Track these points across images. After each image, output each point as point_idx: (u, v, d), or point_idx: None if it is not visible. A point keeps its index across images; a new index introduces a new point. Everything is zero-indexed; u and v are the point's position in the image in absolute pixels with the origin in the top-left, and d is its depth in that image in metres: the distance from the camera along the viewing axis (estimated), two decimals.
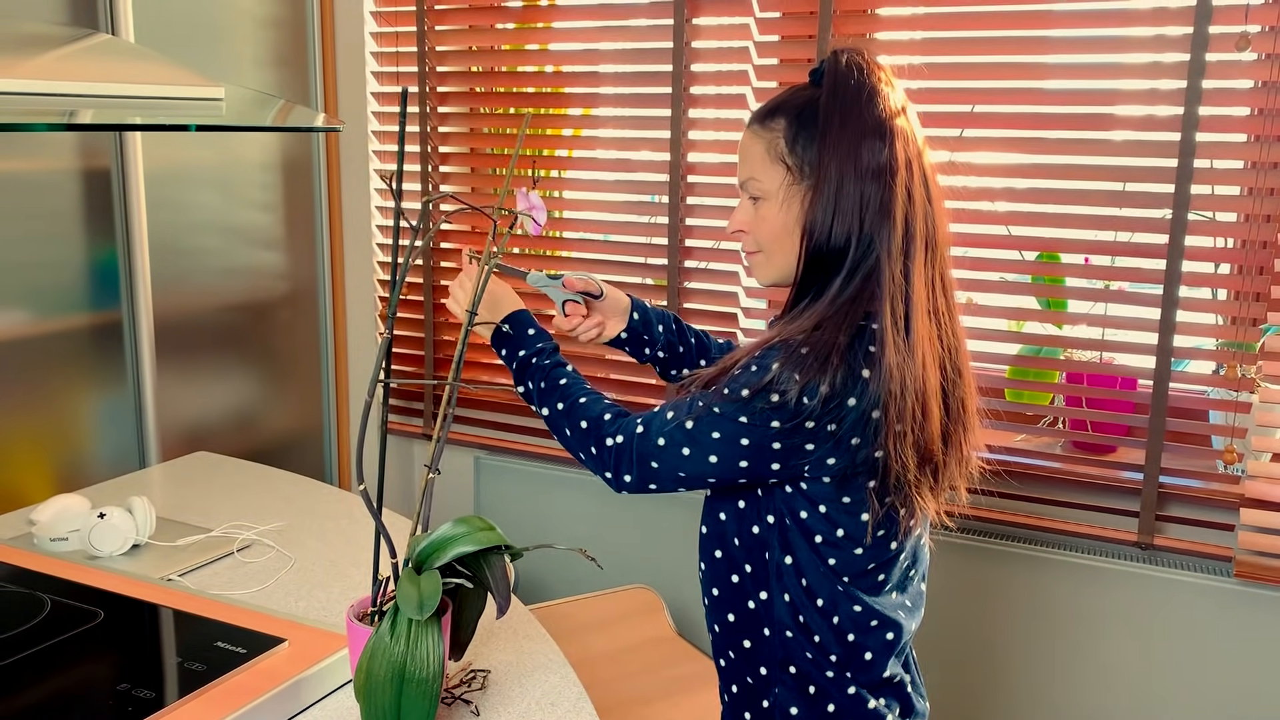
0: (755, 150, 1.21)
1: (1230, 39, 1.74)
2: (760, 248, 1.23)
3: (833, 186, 1.14)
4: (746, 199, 1.24)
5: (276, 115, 1.42)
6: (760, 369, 1.11)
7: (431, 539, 1.08)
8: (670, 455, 1.17)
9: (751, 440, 1.13)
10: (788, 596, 1.20)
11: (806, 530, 1.17)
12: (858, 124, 1.14)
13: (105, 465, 1.99)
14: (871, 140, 1.14)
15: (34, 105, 1.10)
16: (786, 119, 1.19)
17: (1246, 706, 1.89)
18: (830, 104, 1.15)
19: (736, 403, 1.12)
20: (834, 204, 1.14)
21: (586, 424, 1.24)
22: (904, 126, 1.16)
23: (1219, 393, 1.89)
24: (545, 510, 2.42)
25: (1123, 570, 1.93)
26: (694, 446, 1.16)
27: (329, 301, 2.48)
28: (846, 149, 1.14)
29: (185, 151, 2.11)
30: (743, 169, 1.23)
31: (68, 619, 1.24)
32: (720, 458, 1.15)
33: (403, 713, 1.01)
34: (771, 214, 1.20)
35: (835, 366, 1.09)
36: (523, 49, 2.32)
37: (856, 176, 1.13)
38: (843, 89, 1.15)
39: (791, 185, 1.18)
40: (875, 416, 1.10)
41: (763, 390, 1.10)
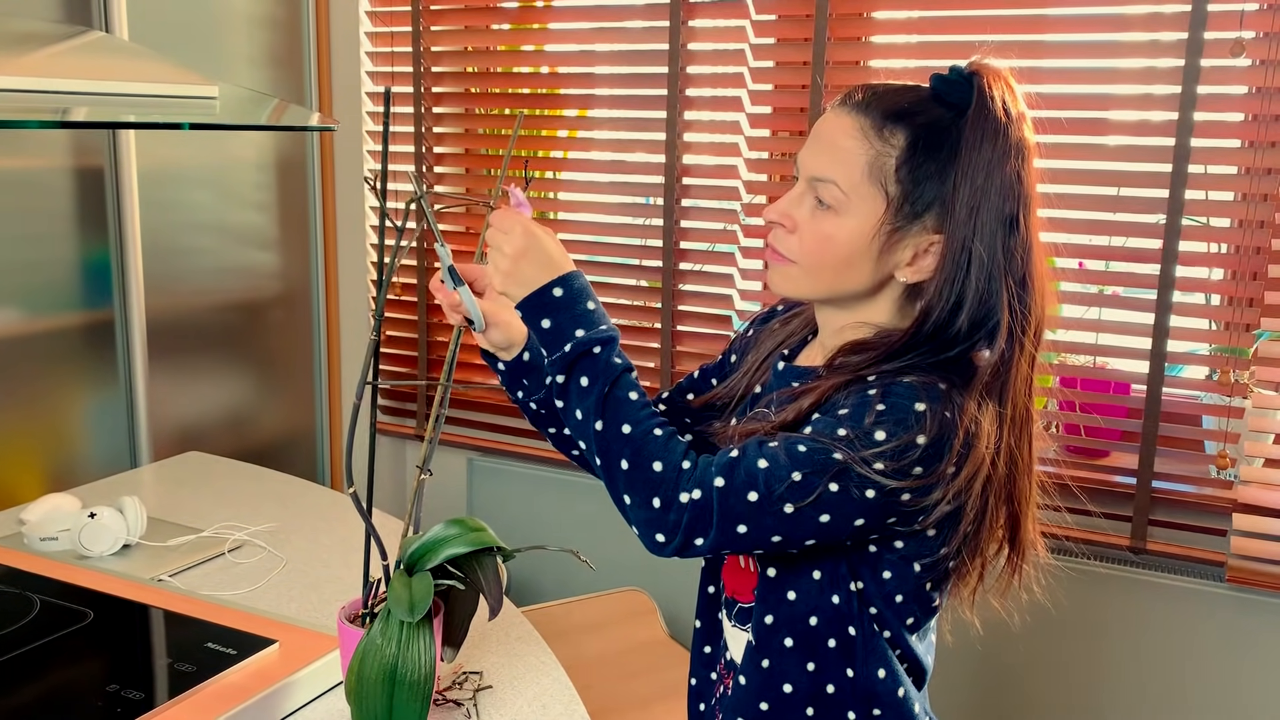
0: (853, 154, 0.99)
1: (1225, 45, 1.75)
2: (800, 259, 1.03)
3: (962, 255, 0.97)
4: (807, 192, 1.02)
5: (271, 114, 1.42)
6: (896, 405, 0.93)
7: (423, 540, 1.07)
8: (768, 515, 0.94)
9: (879, 492, 0.94)
10: (882, 672, 1.05)
11: (889, 591, 1.04)
12: (1002, 179, 0.96)
13: (96, 465, 1.98)
14: (1012, 203, 0.97)
15: (27, 103, 1.10)
16: (910, 134, 0.98)
17: (1237, 711, 1.90)
18: (974, 144, 0.96)
19: (869, 447, 0.93)
20: (964, 280, 0.97)
21: (661, 467, 0.96)
22: (1036, 192, 0.99)
23: (1212, 398, 1.90)
24: (538, 512, 2.41)
25: (1115, 575, 1.93)
26: (802, 503, 0.93)
27: (322, 302, 2.47)
28: (991, 213, 0.96)
29: (179, 151, 2.10)
30: (822, 163, 1.01)
31: (57, 619, 1.23)
32: (834, 516, 0.95)
33: (394, 715, 1.01)
34: (843, 235, 1.00)
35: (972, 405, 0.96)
36: (518, 49, 2.32)
37: (998, 249, 0.97)
38: (991, 133, 0.96)
39: (886, 218, 0.99)
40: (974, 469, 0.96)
41: (904, 431, 0.93)
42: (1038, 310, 1.01)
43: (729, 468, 0.95)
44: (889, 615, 1.05)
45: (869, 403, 0.94)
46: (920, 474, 0.94)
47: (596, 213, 2.31)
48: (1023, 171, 0.97)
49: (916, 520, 0.98)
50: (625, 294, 2.30)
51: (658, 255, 2.23)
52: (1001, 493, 1.00)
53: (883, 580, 1.03)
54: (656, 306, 2.25)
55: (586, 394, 0.98)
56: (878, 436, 0.93)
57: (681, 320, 2.25)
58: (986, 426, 0.96)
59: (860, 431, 0.93)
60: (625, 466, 0.97)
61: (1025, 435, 1.02)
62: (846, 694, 1.06)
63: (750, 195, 2.14)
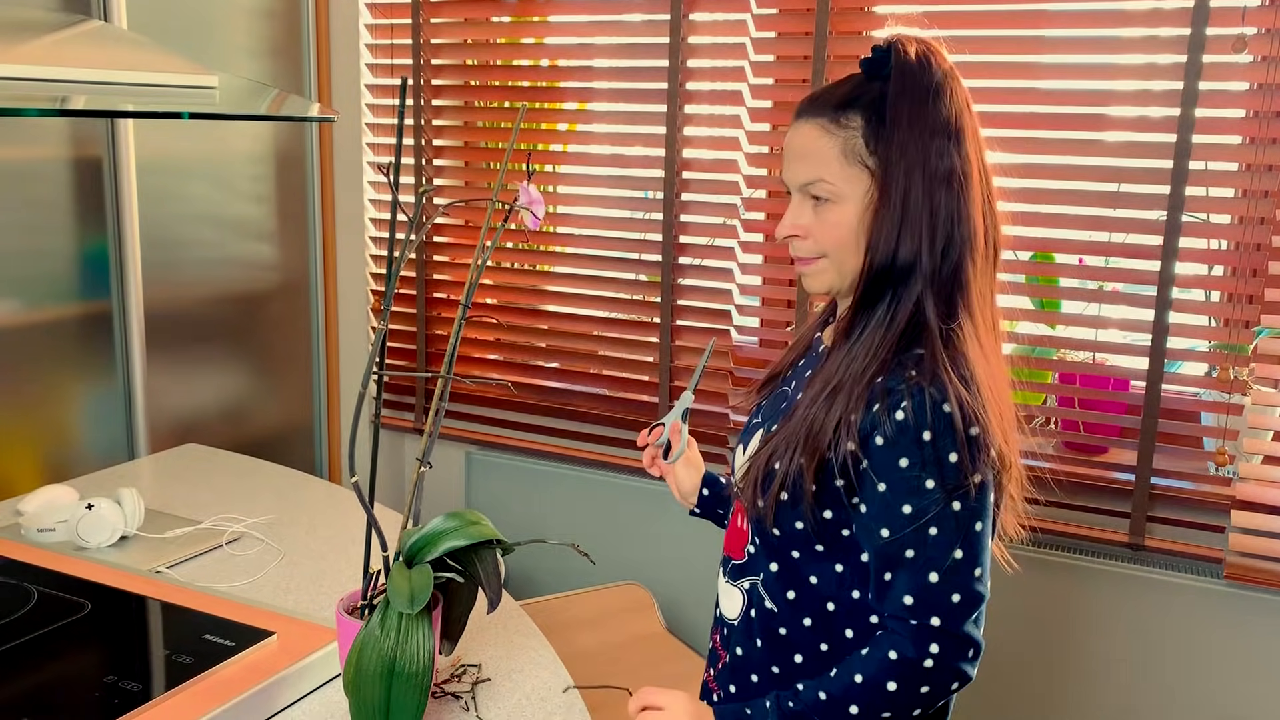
0: (828, 149, 1.09)
1: (1227, 41, 1.74)
2: (826, 253, 1.11)
3: (899, 193, 1.05)
4: (804, 199, 1.12)
5: (270, 104, 1.41)
6: (941, 424, 1.01)
7: (423, 533, 1.07)
8: (974, 594, 1.04)
9: (985, 495, 1.04)
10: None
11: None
12: (927, 122, 1.06)
13: (94, 456, 1.97)
14: (941, 141, 1.06)
15: (25, 90, 1.09)
16: (863, 115, 1.08)
17: (1235, 708, 1.90)
18: (898, 100, 1.06)
19: (954, 474, 1.02)
20: (901, 212, 1.05)
21: (896, 684, 1.03)
22: (971, 123, 1.08)
23: (1211, 395, 1.89)
24: (536, 506, 2.41)
25: (1113, 571, 1.93)
26: (979, 557, 1.04)
27: (321, 294, 2.47)
28: (915, 150, 1.05)
29: (177, 142, 2.10)
30: (805, 169, 1.10)
31: (55, 610, 1.23)
32: (984, 545, 1.05)
33: (392, 707, 1.01)
34: (846, 219, 1.09)
35: (970, 378, 1.04)
36: (518, 43, 2.31)
37: (925, 181, 1.05)
38: (911, 83, 1.07)
39: (870, 185, 1.08)
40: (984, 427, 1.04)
41: (963, 436, 1.02)
42: (984, 224, 1.10)
43: (928, 596, 1.03)
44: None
45: (915, 436, 1.02)
46: (991, 455, 1.04)
47: (596, 206, 2.30)
48: (950, 109, 1.07)
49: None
50: (624, 288, 2.29)
51: (657, 249, 2.22)
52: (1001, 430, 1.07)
53: None
54: (656, 300, 2.25)
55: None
56: (952, 460, 1.02)
57: (681, 314, 2.24)
58: (981, 379, 1.05)
59: (937, 471, 1.02)
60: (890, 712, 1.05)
61: (996, 346, 1.11)
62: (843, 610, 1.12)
63: (750, 190, 2.14)
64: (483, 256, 1.11)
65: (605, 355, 2.33)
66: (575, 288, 2.34)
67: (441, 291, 2.50)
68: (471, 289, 1.13)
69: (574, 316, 2.36)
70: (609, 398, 2.35)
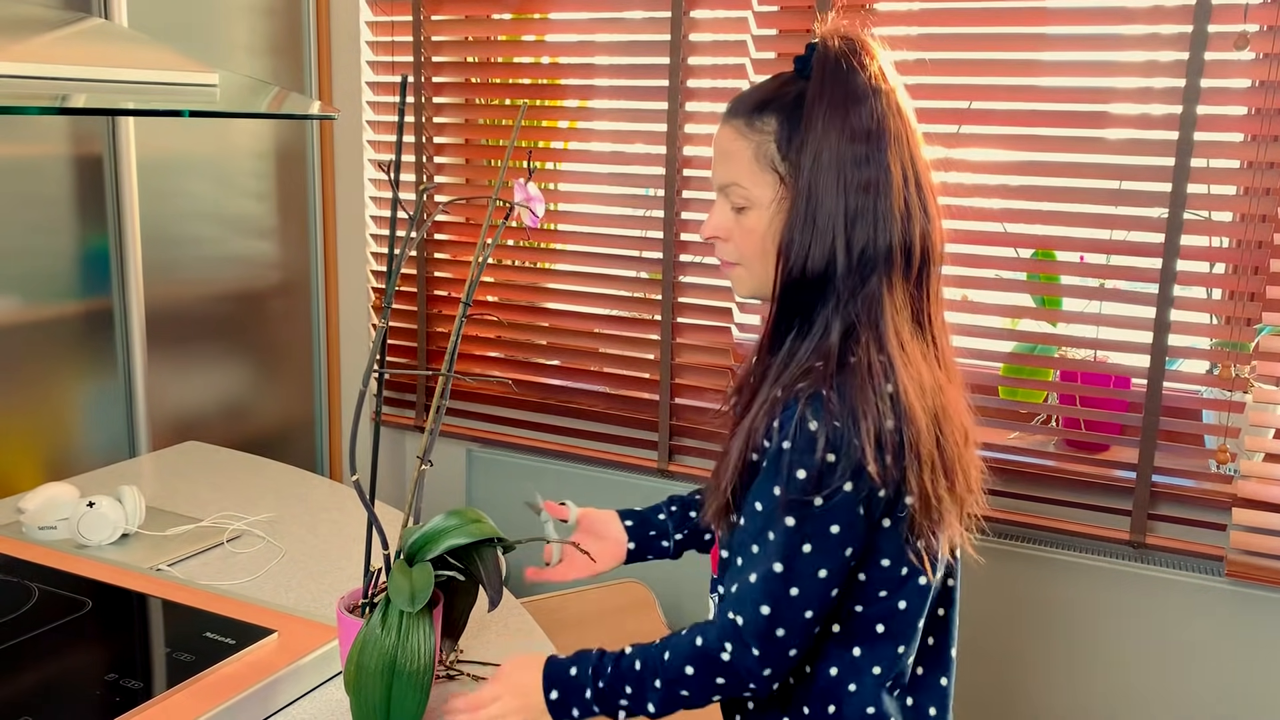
0: (740, 153, 1.07)
1: (1229, 38, 1.74)
2: (741, 260, 1.11)
3: (812, 200, 1.02)
4: (723, 201, 1.11)
5: (271, 102, 1.41)
6: (803, 440, 0.98)
7: (423, 531, 1.07)
8: (786, 610, 1.01)
9: (841, 523, 0.99)
10: (835, 670, 1.09)
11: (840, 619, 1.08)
12: (845, 127, 1.01)
13: (95, 454, 1.97)
14: (859, 146, 1.01)
15: (26, 88, 1.09)
16: (778, 118, 1.05)
17: (1236, 705, 1.90)
18: (815, 102, 1.02)
19: (804, 494, 0.98)
20: (812, 221, 1.02)
21: (693, 668, 1.04)
22: (897, 127, 1.03)
23: (1213, 392, 1.89)
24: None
25: (1114, 569, 1.93)
26: (799, 581, 1.00)
27: (322, 291, 2.47)
28: (830, 156, 1.01)
29: (178, 139, 2.09)
30: (723, 171, 1.09)
31: (55, 608, 1.23)
32: (829, 568, 1.00)
33: (393, 705, 1.01)
34: (759, 225, 1.07)
35: (861, 394, 0.99)
36: (519, 39, 2.31)
37: (840, 188, 1.01)
38: (831, 84, 1.02)
39: (784, 196, 1.05)
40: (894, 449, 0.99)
41: (820, 459, 0.97)
42: (907, 236, 1.04)
43: (735, 600, 1.03)
44: (854, 617, 1.07)
45: (777, 444, 1.00)
46: (851, 488, 0.99)
47: (597, 204, 2.30)
48: (874, 113, 1.02)
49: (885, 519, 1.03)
50: (625, 285, 2.29)
51: (658, 246, 2.22)
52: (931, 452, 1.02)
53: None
54: (657, 298, 2.25)
55: (633, 705, 1.07)
56: (799, 476, 0.98)
57: (682, 312, 2.24)
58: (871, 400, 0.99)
59: (785, 481, 0.99)
60: (686, 694, 1.05)
61: (926, 366, 1.04)
62: (799, 686, 1.10)
63: None
64: (484, 254, 1.11)
65: (606, 353, 2.33)
66: (576, 285, 2.34)
67: (442, 289, 2.49)
68: (472, 287, 1.12)
69: (575, 314, 2.36)
70: (610, 395, 2.34)
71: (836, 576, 1.01)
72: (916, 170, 1.05)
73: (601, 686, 1.06)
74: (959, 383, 1.10)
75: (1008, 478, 1.99)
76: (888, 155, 1.02)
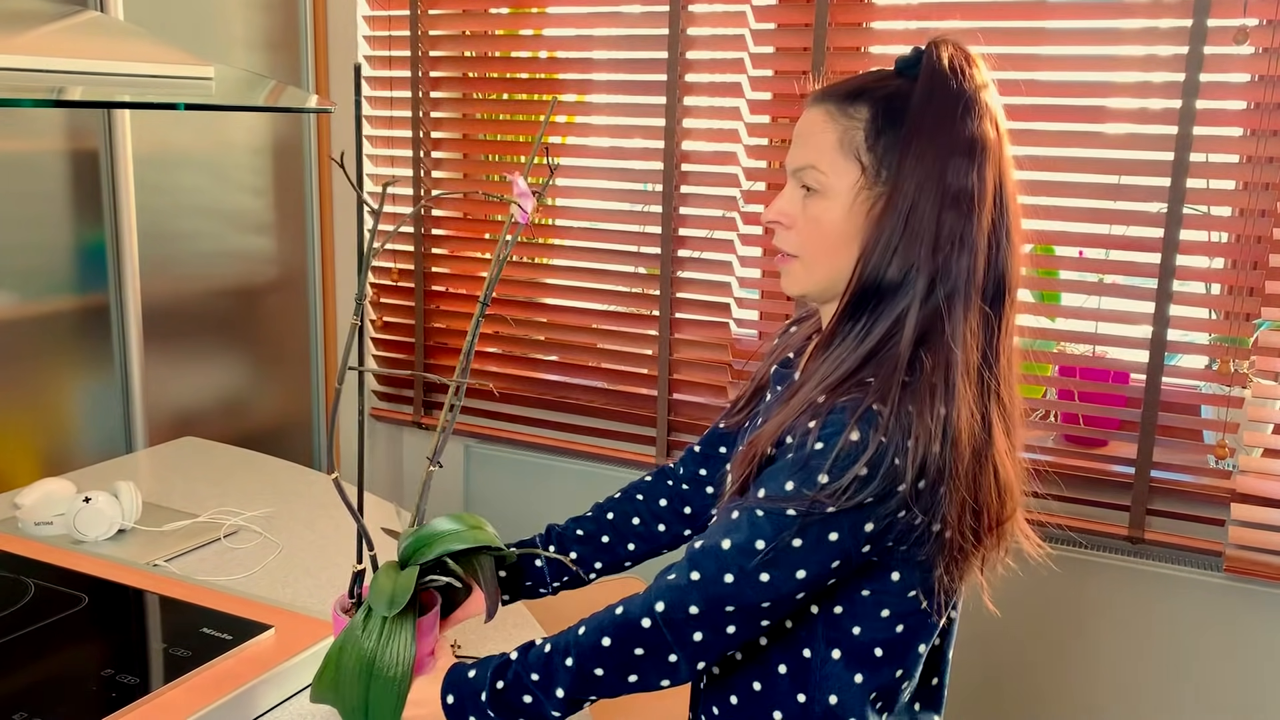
0: (825, 136, 1.02)
1: (1228, 33, 1.74)
2: (801, 253, 1.05)
3: (907, 204, 0.97)
4: (796, 186, 1.05)
5: (268, 96, 1.41)
6: (841, 449, 0.93)
7: (419, 534, 1.06)
8: (748, 590, 0.95)
9: (842, 532, 0.95)
10: (834, 699, 1.04)
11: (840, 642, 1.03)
12: (950, 136, 0.98)
13: (91, 449, 1.97)
14: (961, 159, 0.98)
15: (21, 81, 1.09)
16: (871, 107, 1.01)
17: (1234, 700, 1.90)
18: (923, 106, 0.99)
19: (814, 491, 0.93)
20: (904, 223, 0.97)
21: (610, 639, 0.98)
22: (998, 148, 1.00)
23: (1211, 387, 1.89)
24: (535, 499, 2.41)
25: (1113, 564, 1.93)
26: (774, 569, 0.95)
27: (318, 286, 2.46)
28: (932, 162, 0.97)
29: (174, 134, 2.09)
30: (801, 153, 1.04)
31: (51, 604, 1.23)
32: (809, 570, 0.96)
33: (370, 707, 0.99)
34: (829, 215, 1.02)
35: (918, 415, 0.94)
36: (516, 34, 2.30)
37: (938, 198, 0.97)
38: (941, 92, 0.99)
39: (863, 189, 1.01)
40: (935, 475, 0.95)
41: (853, 473, 0.92)
42: (990, 256, 1.00)
43: (698, 559, 0.97)
44: (842, 638, 1.03)
45: (807, 443, 0.95)
46: (871, 504, 0.94)
47: (595, 199, 2.29)
48: (977, 127, 0.99)
49: (887, 546, 0.98)
50: (623, 281, 2.29)
51: (656, 242, 2.22)
52: (968, 488, 0.97)
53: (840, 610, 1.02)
54: (655, 294, 2.24)
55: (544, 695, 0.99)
56: (820, 480, 0.93)
57: (680, 308, 2.24)
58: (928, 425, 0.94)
59: (804, 478, 0.94)
60: (600, 672, 0.98)
61: (993, 401, 0.99)
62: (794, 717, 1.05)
63: (750, 182, 2.13)
64: (505, 251, 1.08)
65: (604, 349, 2.33)
66: (574, 281, 2.34)
67: (440, 284, 2.49)
68: (491, 285, 1.07)
69: (573, 310, 2.35)
70: (608, 391, 2.34)
71: (811, 582, 0.96)
72: (1005, 194, 1.01)
73: (500, 687, 0.99)
74: (1020, 431, 1.05)
75: None
76: (986, 171, 0.99)
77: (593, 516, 1.31)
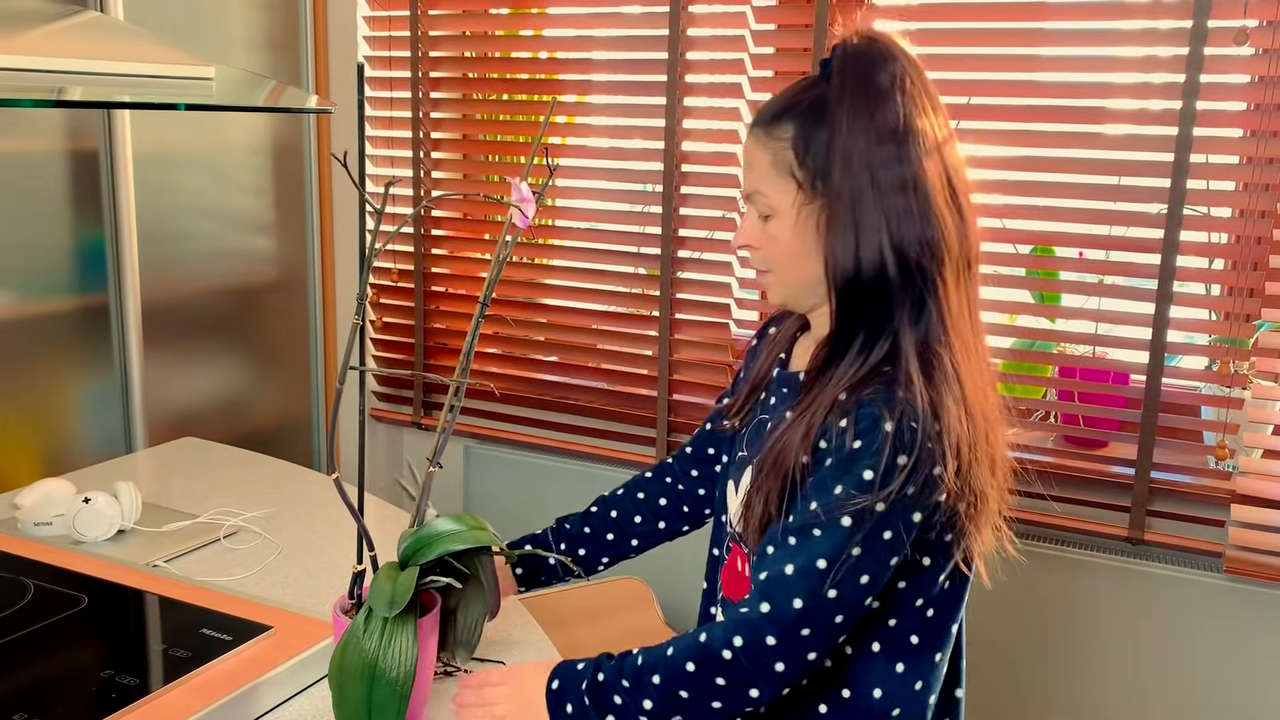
0: (760, 160, 1.06)
1: (1228, 33, 1.74)
2: (772, 268, 1.09)
3: (849, 204, 0.99)
4: (751, 211, 1.09)
5: (267, 96, 1.41)
6: (876, 440, 0.95)
7: (419, 534, 1.06)
8: (819, 609, 0.97)
9: (895, 529, 0.97)
10: (879, 691, 1.06)
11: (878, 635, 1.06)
12: (872, 128, 0.99)
13: (91, 450, 1.97)
14: (889, 147, 0.99)
15: (21, 81, 1.08)
16: (794, 124, 1.04)
17: (1234, 701, 1.90)
18: (838, 107, 1.00)
19: (862, 493, 0.95)
20: (854, 224, 0.99)
21: (694, 665, 1.00)
22: (926, 126, 1.01)
23: (1211, 388, 1.89)
24: (535, 500, 2.41)
25: (1113, 565, 1.93)
26: (840, 584, 0.96)
27: (319, 286, 2.46)
28: (860, 159, 0.99)
29: (174, 134, 2.09)
30: (748, 179, 1.09)
31: (51, 604, 1.22)
32: (872, 574, 0.97)
33: (373, 709, 0.99)
34: (783, 233, 1.06)
35: (939, 396, 0.97)
36: (516, 34, 2.30)
37: (876, 189, 0.98)
38: (854, 88, 1.00)
39: (805, 203, 1.04)
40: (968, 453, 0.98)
41: (890, 462, 0.95)
42: (950, 235, 1.02)
43: (767, 589, 0.98)
44: (881, 631, 1.05)
45: (845, 444, 0.97)
46: (913, 493, 0.96)
47: (594, 199, 2.29)
48: (898, 115, 0.99)
49: (937, 527, 1.00)
50: (623, 281, 2.29)
51: (656, 243, 2.22)
52: (988, 453, 1.01)
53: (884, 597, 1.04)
54: (655, 294, 2.24)
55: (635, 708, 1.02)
56: (866, 477, 0.96)
57: (680, 309, 2.24)
58: (950, 405, 0.98)
59: (850, 480, 0.96)
60: (685, 695, 1.00)
61: (978, 366, 1.03)
62: (840, 715, 1.07)
63: None
64: (505, 251, 1.08)
65: (604, 349, 2.33)
66: (574, 282, 2.34)
67: (440, 284, 2.49)
68: (491, 286, 1.08)
69: (573, 311, 2.35)
70: (608, 391, 2.34)
71: (876, 584, 0.98)
72: (948, 170, 1.02)
73: (601, 679, 1.03)
74: (995, 385, 1.09)
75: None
76: (921, 153, 1.00)
77: (598, 513, 1.37)
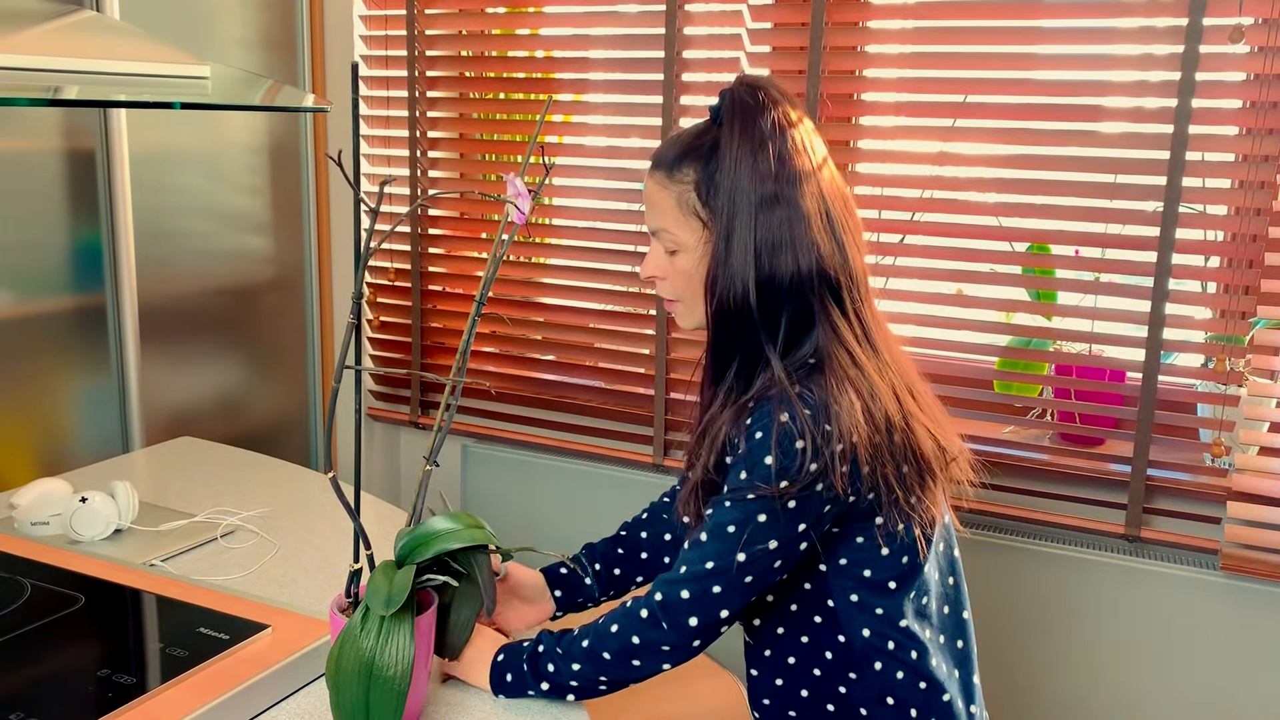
0: (665, 202, 1.17)
1: (1224, 31, 1.74)
2: (679, 298, 1.21)
3: (729, 239, 1.11)
4: (657, 245, 1.20)
5: (264, 95, 1.40)
6: (769, 427, 1.07)
7: (416, 533, 1.06)
8: (729, 568, 1.09)
9: (799, 499, 1.08)
10: (901, 674, 1.17)
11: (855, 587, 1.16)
12: (755, 167, 1.10)
13: (88, 449, 1.97)
14: (769, 184, 1.10)
15: (17, 80, 1.08)
16: (695, 167, 1.15)
17: (1231, 698, 1.90)
18: (727, 148, 1.12)
19: (766, 480, 1.07)
20: (728, 258, 1.11)
21: (617, 626, 1.13)
22: (805, 165, 1.12)
23: (1207, 386, 1.89)
24: (533, 499, 2.41)
25: (1109, 562, 1.93)
26: (747, 546, 1.09)
27: (315, 286, 2.46)
28: (743, 197, 1.10)
29: (171, 133, 2.09)
30: (652, 218, 1.19)
31: (48, 604, 1.22)
32: (780, 539, 1.09)
33: (371, 708, 0.99)
34: (687, 266, 1.17)
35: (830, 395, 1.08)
36: (513, 33, 2.30)
37: (752, 226, 1.10)
38: (742, 130, 1.11)
39: (706, 242, 1.15)
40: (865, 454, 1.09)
41: (781, 446, 1.06)
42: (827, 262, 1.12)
43: (688, 558, 1.11)
44: (856, 582, 1.16)
45: (751, 436, 1.08)
46: (815, 468, 1.07)
47: (591, 198, 2.29)
48: (782, 152, 1.11)
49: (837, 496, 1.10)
50: (620, 280, 2.29)
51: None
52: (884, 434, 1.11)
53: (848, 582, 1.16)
54: (651, 292, 2.24)
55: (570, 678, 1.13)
56: (768, 462, 1.07)
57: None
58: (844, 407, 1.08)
59: (753, 466, 1.08)
60: (607, 655, 1.12)
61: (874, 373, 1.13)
62: (857, 693, 1.18)
63: None
64: (501, 250, 1.09)
65: (601, 348, 2.33)
66: (570, 280, 2.34)
67: (436, 284, 2.49)
68: (487, 285, 1.09)
69: (570, 310, 2.35)
70: (605, 390, 2.34)
71: (783, 552, 1.10)
72: (827, 204, 1.13)
73: (540, 650, 1.13)
74: (914, 375, 1.19)
75: (1003, 472, 1.99)
76: (797, 192, 1.11)
77: (628, 536, 1.42)
